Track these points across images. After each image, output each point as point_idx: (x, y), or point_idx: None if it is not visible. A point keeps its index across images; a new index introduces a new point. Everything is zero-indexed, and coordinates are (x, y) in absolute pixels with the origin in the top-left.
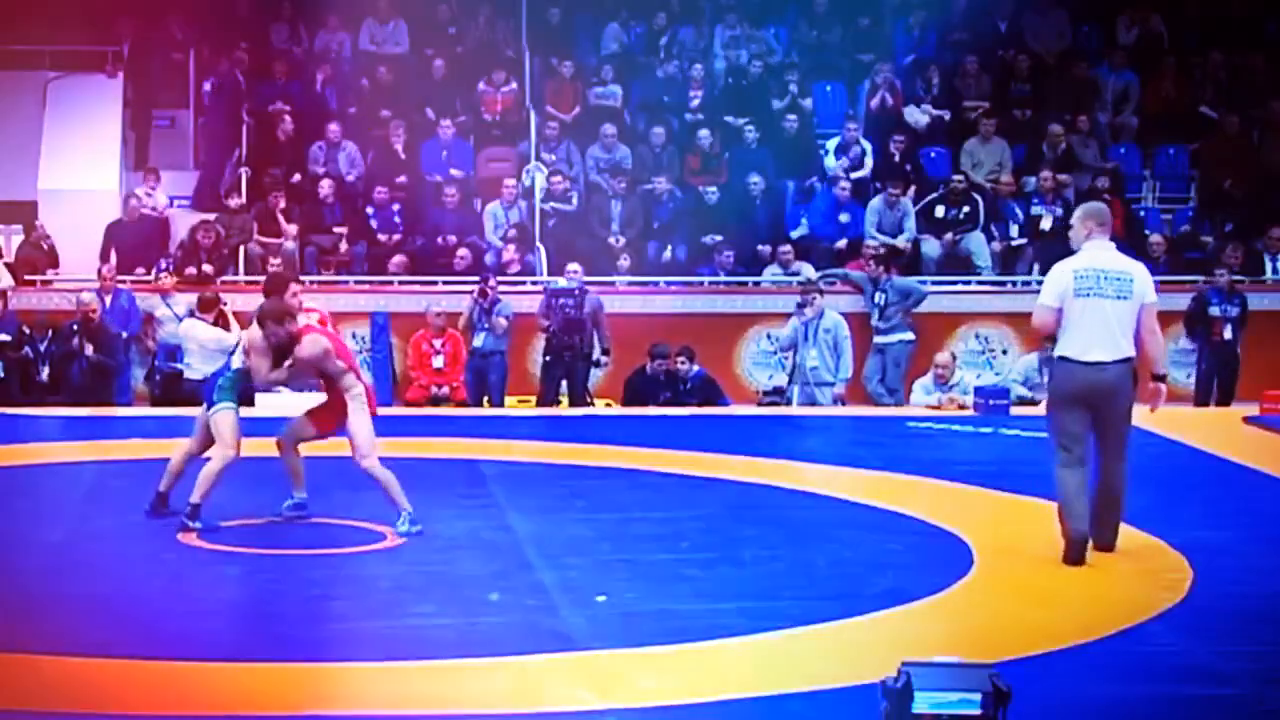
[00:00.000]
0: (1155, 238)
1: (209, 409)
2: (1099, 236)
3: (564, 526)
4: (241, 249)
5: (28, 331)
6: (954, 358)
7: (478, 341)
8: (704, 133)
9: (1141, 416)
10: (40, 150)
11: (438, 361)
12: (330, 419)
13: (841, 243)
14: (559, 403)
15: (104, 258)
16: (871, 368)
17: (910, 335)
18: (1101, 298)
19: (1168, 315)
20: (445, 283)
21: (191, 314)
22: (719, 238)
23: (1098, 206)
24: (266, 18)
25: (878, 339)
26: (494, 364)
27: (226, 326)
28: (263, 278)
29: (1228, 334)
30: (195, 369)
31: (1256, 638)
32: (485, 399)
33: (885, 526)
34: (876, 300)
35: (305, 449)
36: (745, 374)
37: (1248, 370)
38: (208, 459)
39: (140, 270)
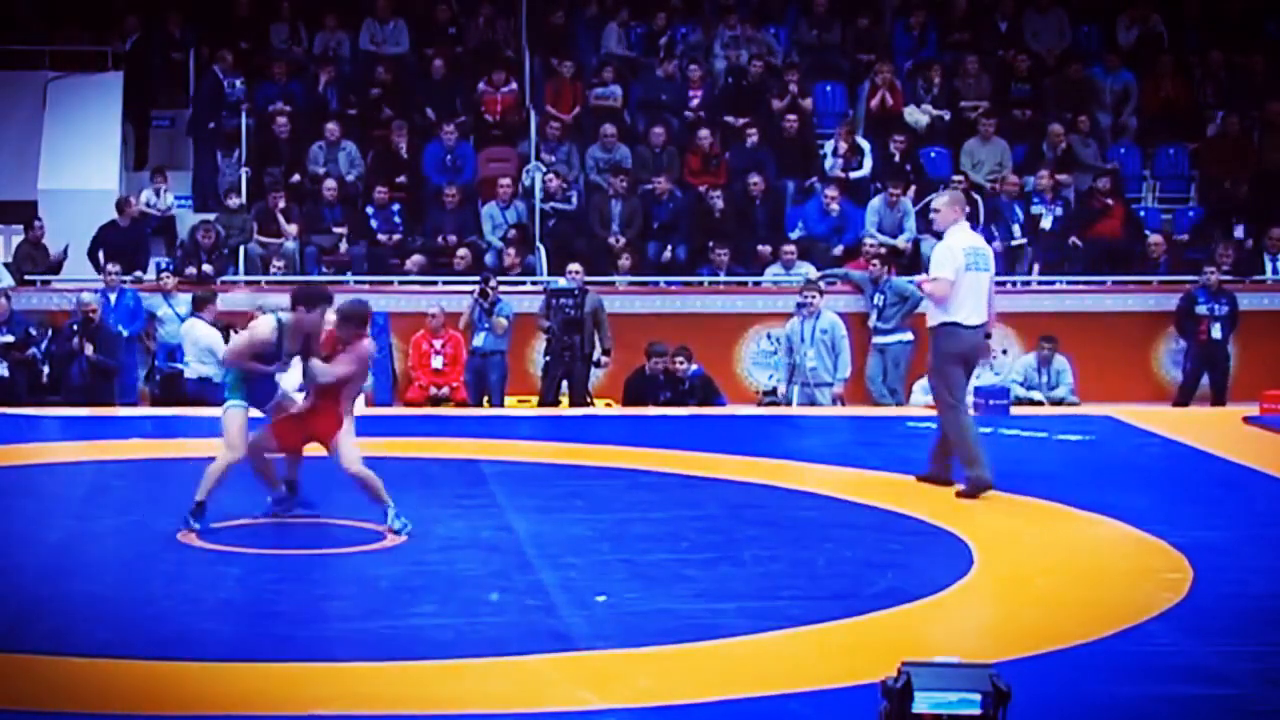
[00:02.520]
0: (1155, 238)
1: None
2: (961, 219)
3: (564, 526)
4: (241, 249)
5: (34, 332)
6: None
7: (478, 341)
8: (704, 133)
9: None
10: (40, 150)
11: (437, 362)
12: (298, 434)
13: (839, 248)
14: (559, 403)
15: (91, 257)
16: (874, 368)
17: (910, 335)
18: (979, 271)
19: (1165, 315)
20: (445, 283)
21: (192, 314)
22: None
23: (959, 193)
24: (266, 18)
25: (877, 339)
26: (494, 364)
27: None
28: (262, 278)
29: (1215, 333)
30: (194, 369)
31: (1256, 638)
32: (485, 399)
33: (885, 526)
34: (876, 301)
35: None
36: (745, 374)
37: (1245, 370)
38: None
39: (138, 272)
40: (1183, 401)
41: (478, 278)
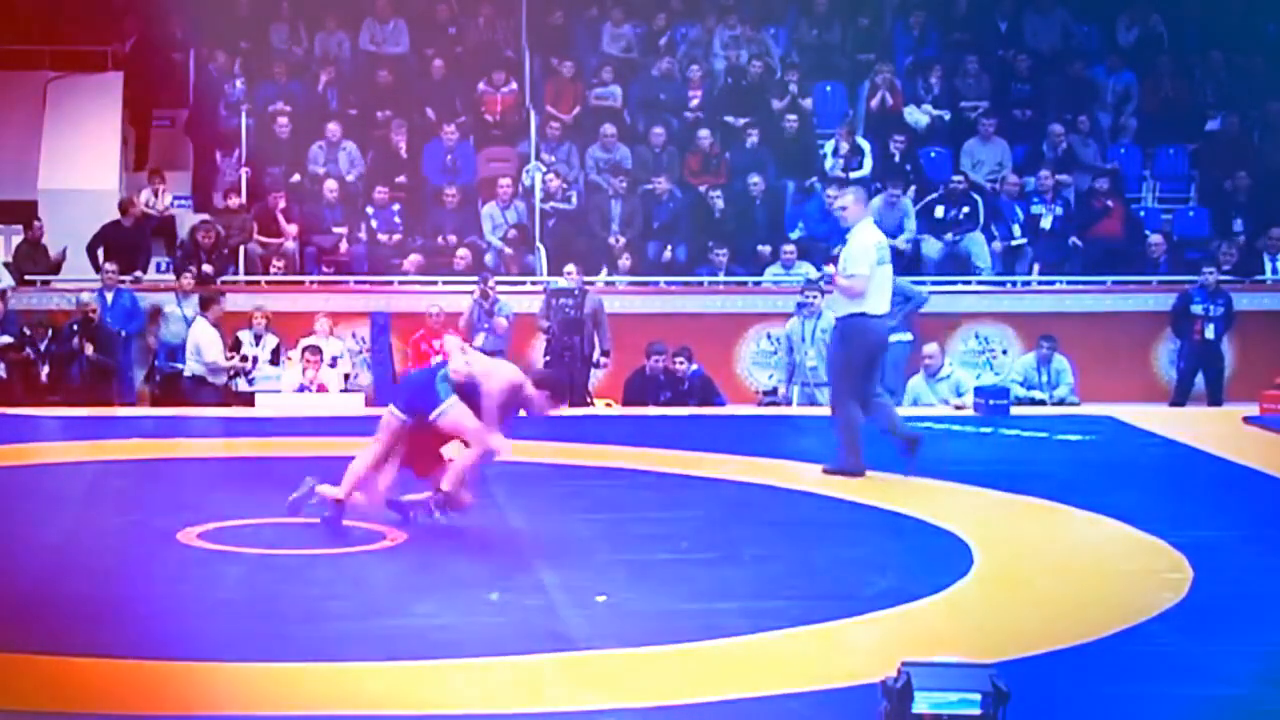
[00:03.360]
0: (1155, 238)
1: (403, 409)
2: (867, 214)
3: (564, 526)
4: (241, 249)
5: (29, 332)
6: (942, 349)
7: (479, 342)
8: (704, 133)
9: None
10: (40, 150)
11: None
12: (430, 464)
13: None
14: None
15: (91, 255)
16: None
17: (909, 336)
18: (885, 264)
19: (1165, 315)
20: (445, 283)
21: (197, 315)
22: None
23: (862, 190)
24: (266, 18)
25: None
26: None
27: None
28: (262, 278)
29: (1209, 333)
30: (190, 367)
31: (1256, 638)
32: None
33: (885, 526)
34: None
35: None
36: (745, 374)
37: (1245, 370)
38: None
39: (137, 272)
40: (1179, 401)
41: (477, 278)
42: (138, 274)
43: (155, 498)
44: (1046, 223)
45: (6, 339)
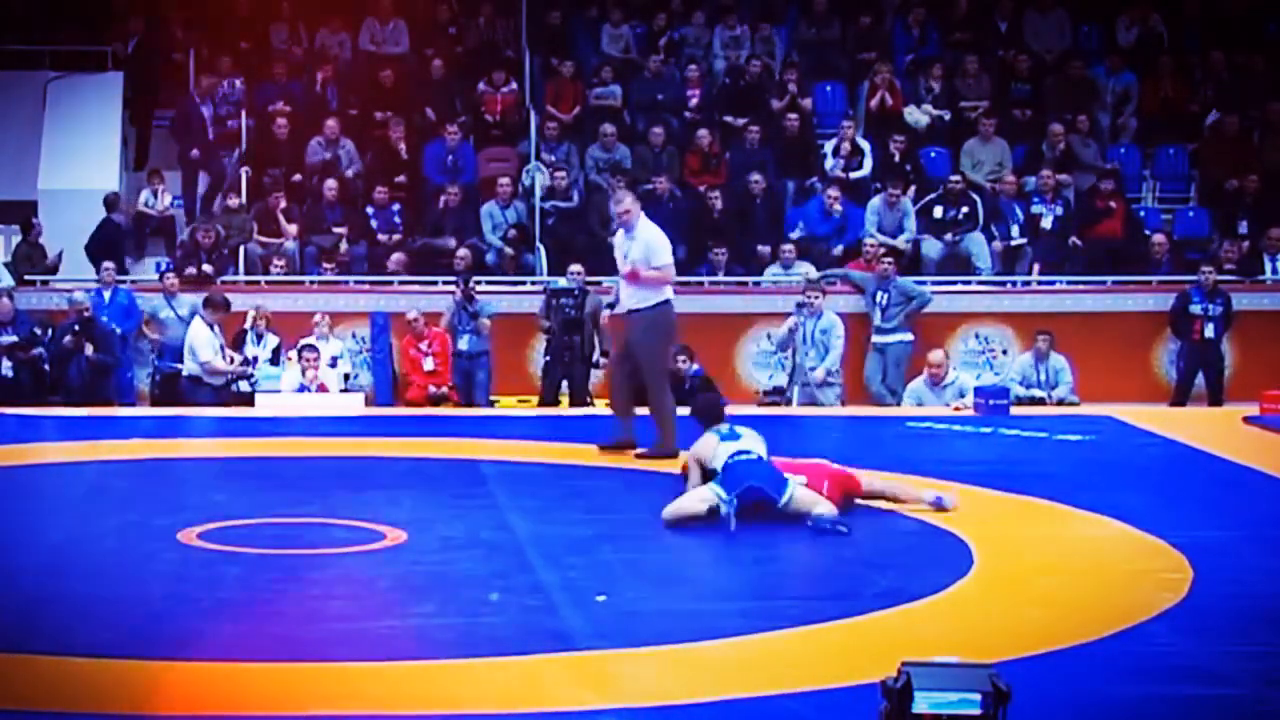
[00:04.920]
0: (1158, 238)
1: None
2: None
3: (564, 526)
4: (241, 249)
5: (39, 332)
6: (948, 356)
7: (463, 344)
8: (703, 132)
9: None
10: (40, 150)
11: (429, 364)
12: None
13: (839, 248)
14: (559, 403)
15: (89, 254)
16: (873, 368)
17: (910, 336)
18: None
19: (1165, 315)
20: (445, 282)
21: (195, 314)
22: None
23: (635, 194)
24: (267, 18)
25: (877, 339)
26: (481, 364)
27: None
28: (262, 278)
29: (1209, 333)
30: (187, 366)
31: (1257, 638)
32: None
33: (885, 526)
34: (879, 300)
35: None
36: (745, 374)
37: (1245, 370)
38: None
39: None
40: (1179, 401)
41: (455, 279)
42: (134, 274)
43: (155, 498)
44: (1046, 223)
45: (12, 338)
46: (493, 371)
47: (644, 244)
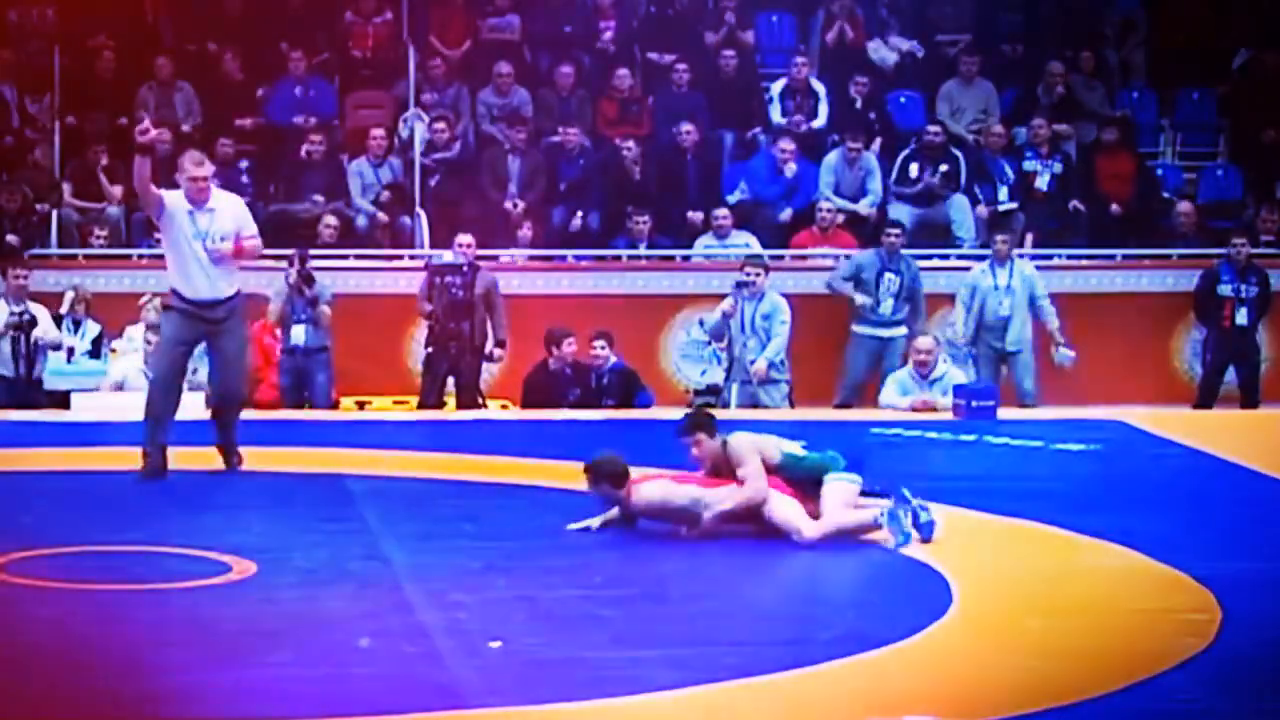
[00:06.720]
0: (1183, 205)
1: None
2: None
3: (449, 556)
4: (54, 215)
5: None
6: (938, 343)
7: (298, 337)
8: (622, 73)
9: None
10: None
11: None
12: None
13: (787, 213)
14: (444, 404)
15: None
16: (856, 363)
17: (904, 330)
18: None
19: (1186, 297)
20: (312, 256)
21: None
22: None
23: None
24: None
25: (881, 332)
26: (321, 362)
27: None
28: (80, 252)
29: (1240, 318)
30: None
31: None
32: (307, 404)
33: (845, 557)
34: (887, 283)
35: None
36: (672, 369)
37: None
38: None
39: None
40: (1205, 402)
41: (289, 254)
42: None
43: None
44: (1042, 183)
45: None
46: (334, 374)
47: (226, 214)
